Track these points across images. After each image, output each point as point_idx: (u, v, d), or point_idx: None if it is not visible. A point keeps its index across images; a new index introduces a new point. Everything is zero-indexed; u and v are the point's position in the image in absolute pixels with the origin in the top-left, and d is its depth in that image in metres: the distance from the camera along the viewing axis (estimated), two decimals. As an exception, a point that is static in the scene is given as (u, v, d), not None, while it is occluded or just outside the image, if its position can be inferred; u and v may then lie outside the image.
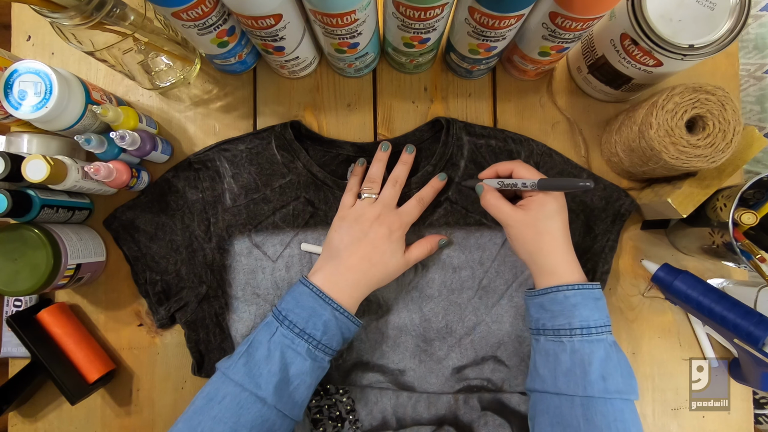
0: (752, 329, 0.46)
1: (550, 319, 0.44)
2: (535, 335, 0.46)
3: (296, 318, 0.44)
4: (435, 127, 0.57)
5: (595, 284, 0.45)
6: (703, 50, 0.45)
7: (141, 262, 0.55)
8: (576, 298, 0.43)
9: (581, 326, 0.42)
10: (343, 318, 0.45)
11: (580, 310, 0.43)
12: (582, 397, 0.41)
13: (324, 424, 0.52)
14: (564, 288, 0.44)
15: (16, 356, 0.56)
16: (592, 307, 0.43)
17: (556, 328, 0.43)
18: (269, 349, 0.43)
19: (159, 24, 0.49)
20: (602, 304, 0.44)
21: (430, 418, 0.53)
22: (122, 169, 0.51)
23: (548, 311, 0.44)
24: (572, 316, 0.43)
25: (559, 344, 0.43)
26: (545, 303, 0.45)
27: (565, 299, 0.43)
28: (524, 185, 0.47)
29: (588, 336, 0.42)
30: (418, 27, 0.45)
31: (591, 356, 0.42)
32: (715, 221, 0.48)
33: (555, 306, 0.44)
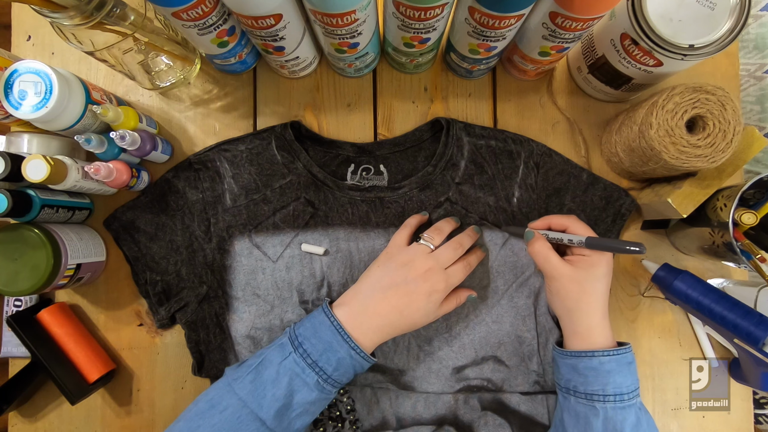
0: (752, 329, 0.46)
1: (583, 384, 0.44)
2: (564, 393, 0.46)
3: (311, 348, 0.43)
4: (435, 127, 0.57)
5: (627, 347, 0.44)
6: (703, 50, 0.45)
7: (141, 263, 0.55)
8: (611, 365, 0.43)
9: (614, 393, 0.42)
10: (359, 358, 0.44)
11: (614, 377, 0.43)
12: None
13: (324, 424, 0.52)
14: (600, 354, 0.43)
15: (16, 356, 0.56)
16: (625, 373, 0.43)
17: (588, 393, 0.43)
18: (278, 372, 0.42)
19: (159, 24, 0.49)
20: (634, 368, 0.44)
21: (430, 418, 0.53)
22: (122, 169, 0.51)
23: (581, 375, 0.44)
24: (606, 383, 0.43)
25: (591, 409, 0.43)
26: (579, 366, 0.44)
27: (600, 365, 0.43)
28: (570, 241, 0.46)
29: (620, 402, 0.42)
30: (418, 27, 0.45)
31: (623, 423, 0.42)
32: (715, 221, 0.48)
33: (589, 371, 0.43)
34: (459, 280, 0.48)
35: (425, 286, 0.46)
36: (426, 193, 0.55)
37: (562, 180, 0.56)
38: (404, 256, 0.48)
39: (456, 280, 0.48)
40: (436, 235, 0.49)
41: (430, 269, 0.47)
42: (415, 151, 0.57)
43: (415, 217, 0.52)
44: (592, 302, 0.45)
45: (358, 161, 0.56)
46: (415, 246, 0.49)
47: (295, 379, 0.42)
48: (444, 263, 0.48)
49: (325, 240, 0.54)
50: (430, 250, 0.48)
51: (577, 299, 0.45)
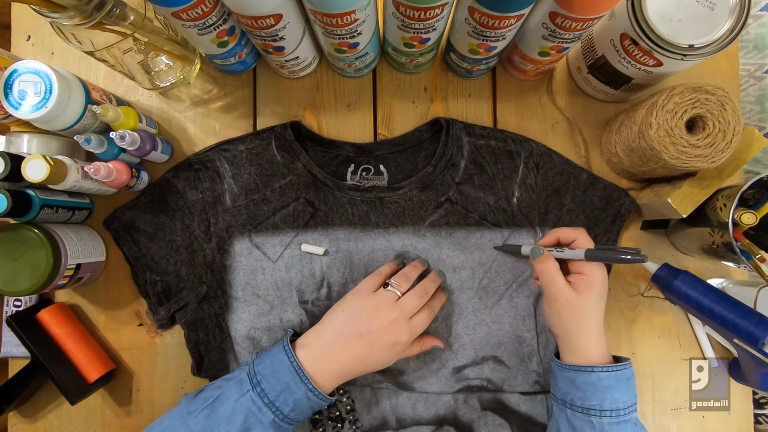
0: (752, 329, 0.46)
1: (581, 399, 0.44)
2: (560, 405, 0.46)
3: (269, 388, 0.43)
4: (434, 127, 0.57)
5: (627, 363, 0.44)
6: (703, 50, 0.45)
7: (141, 263, 0.55)
8: (609, 381, 0.43)
9: (611, 408, 0.42)
10: (317, 399, 0.44)
11: (612, 393, 0.43)
12: None
13: (324, 424, 0.52)
14: (599, 369, 0.43)
15: (16, 356, 0.56)
16: (623, 389, 0.43)
17: (586, 407, 0.43)
18: (234, 409, 0.42)
19: (159, 24, 0.49)
20: (632, 384, 0.44)
21: (430, 418, 0.53)
22: (122, 169, 0.51)
23: (580, 390, 0.44)
24: (604, 399, 0.43)
25: (587, 423, 0.43)
26: (577, 381, 0.44)
27: (599, 381, 0.43)
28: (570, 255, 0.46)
29: (617, 417, 0.42)
30: (418, 27, 0.45)
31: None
32: (715, 221, 0.48)
33: (587, 387, 0.44)
34: (422, 329, 0.49)
35: (389, 337, 0.46)
36: (426, 193, 0.55)
37: (562, 180, 0.56)
38: (370, 302, 0.47)
39: (419, 330, 0.48)
40: (404, 282, 0.49)
41: (395, 320, 0.46)
42: (415, 151, 0.57)
43: (389, 266, 0.52)
44: (591, 324, 0.45)
45: (358, 161, 0.56)
46: (382, 293, 0.48)
47: (251, 418, 0.42)
48: (409, 312, 0.48)
49: (325, 240, 0.54)
50: (396, 297, 0.48)
51: (578, 322, 0.45)
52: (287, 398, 0.43)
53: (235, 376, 0.45)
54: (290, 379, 0.43)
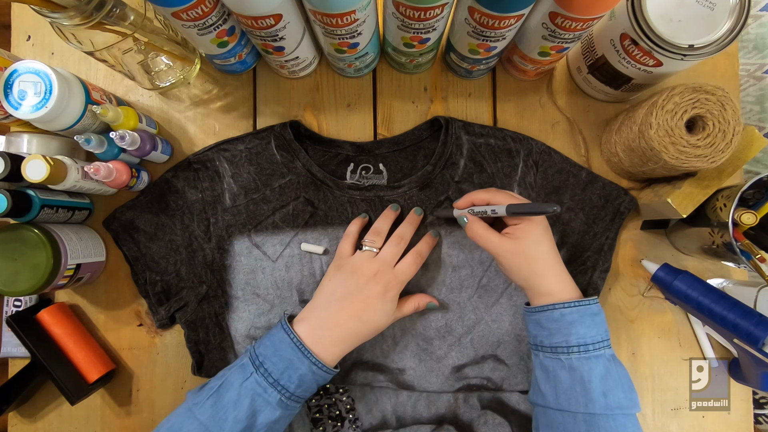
0: (752, 329, 0.46)
1: (547, 337, 0.44)
2: (534, 351, 0.46)
3: (272, 367, 0.43)
4: (434, 126, 0.57)
5: (593, 299, 0.44)
6: (703, 50, 0.45)
7: (141, 263, 0.55)
8: (572, 316, 0.43)
9: (578, 344, 0.42)
10: (321, 372, 0.44)
11: (577, 328, 0.43)
12: (584, 413, 0.41)
13: (324, 424, 0.52)
14: (560, 306, 0.43)
15: (16, 356, 0.56)
16: (589, 324, 0.43)
17: (553, 345, 0.43)
18: (239, 393, 0.42)
19: (159, 24, 0.49)
20: (600, 319, 0.44)
21: (430, 417, 0.53)
22: (122, 169, 0.51)
23: (545, 329, 0.44)
24: (569, 334, 0.43)
25: (557, 362, 0.43)
26: (542, 320, 0.44)
27: (561, 317, 0.43)
28: (494, 212, 0.46)
29: (585, 353, 0.42)
30: (418, 27, 0.45)
31: (590, 373, 0.41)
32: (715, 221, 0.48)
33: (551, 324, 0.44)
34: (412, 272, 0.50)
35: (377, 287, 0.47)
36: (425, 192, 0.55)
37: (561, 178, 0.56)
38: (351, 264, 0.49)
39: (408, 273, 0.49)
40: (376, 238, 0.50)
41: (379, 272, 0.48)
42: (414, 150, 0.57)
43: (354, 223, 0.53)
44: (543, 265, 0.45)
45: (358, 160, 0.56)
46: (359, 254, 0.50)
47: (258, 399, 0.42)
48: (390, 262, 0.49)
49: (325, 239, 0.54)
50: (374, 254, 0.49)
51: (527, 267, 0.45)
52: (291, 375, 0.43)
53: (237, 362, 0.45)
54: (292, 354, 0.43)
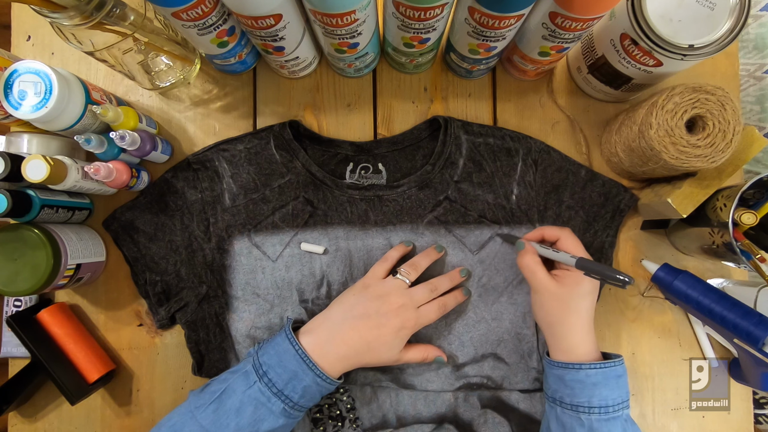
0: (752, 329, 0.46)
1: (570, 396, 0.44)
2: (550, 402, 0.46)
3: (276, 377, 0.43)
4: (433, 125, 0.57)
5: (618, 360, 0.44)
6: (703, 50, 0.45)
7: (140, 263, 0.55)
8: (597, 377, 0.43)
9: (600, 405, 0.42)
10: (325, 384, 0.44)
11: (601, 390, 0.43)
12: None
13: (324, 423, 0.52)
14: (587, 367, 0.43)
15: (16, 356, 0.56)
16: (612, 386, 0.43)
17: (574, 404, 0.43)
18: (242, 401, 0.42)
19: (159, 24, 0.49)
20: (623, 381, 0.44)
21: (430, 416, 0.53)
22: (122, 169, 0.51)
23: (568, 387, 0.44)
24: (592, 395, 0.43)
25: (576, 420, 0.43)
26: (565, 378, 0.44)
27: (587, 378, 0.43)
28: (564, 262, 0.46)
29: (605, 415, 0.42)
30: (418, 27, 0.45)
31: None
32: (715, 221, 0.48)
33: (575, 384, 0.44)
34: (431, 320, 0.49)
35: (396, 321, 0.46)
36: (425, 192, 0.55)
37: (561, 177, 0.56)
38: (380, 288, 0.48)
39: (427, 319, 0.48)
40: (412, 271, 0.50)
41: (403, 306, 0.47)
42: (414, 150, 0.57)
43: (397, 249, 0.52)
44: (575, 320, 0.45)
45: (357, 160, 0.56)
46: (391, 280, 0.49)
47: (261, 408, 0.42)
48: (417, 302, 0.48)
49: (324, 239, 0.54)
50: (406, 285, 0.49)
51: (559, 315, 0.45)
52: (296, 386, 0.43)
53: (240, 368, 0.45)
54: (297, 366, 0.43)
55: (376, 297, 0.48)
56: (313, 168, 0.55)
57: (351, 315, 0.47)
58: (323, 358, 0.44)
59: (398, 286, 0.49)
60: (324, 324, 0.47)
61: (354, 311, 0.47)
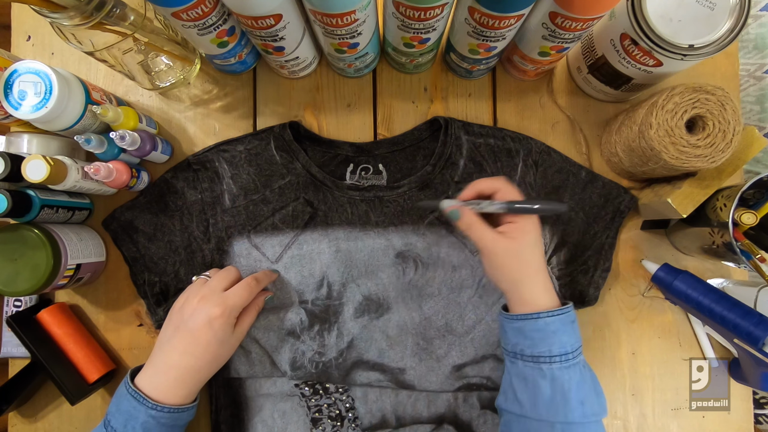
0: (752, 329, 0.46)
1: (530, 347, 0.43)
2: (511, 358, 0.45)
3: (116, 422, 0.42)
4: (433, 126, 0.57)
5: (569, 306, 0.44)
6: (703, 50, 0.45)
7: (140, 263, 0.55)
8: (556, 325, 0.42)
9: (560, 353, 0.42)
10: (167, 414, 0.43)
11: (560, 337, 0.42)
12: (563, 423, 0.41)
13: (323, 423, 0.52)
14: (545, 315, 0.42)
15: (16, 356, 0.56)
16: (569, 332, 0.43)
17: (535, 355, 0.42)
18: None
19: (159, 24, 0.49)
20: (576, 326, 0.44)
21: (429, 417, 0.53)
22: (122, 169, 0.51)
23: (528, 338, 0.43)
24: (552, 344, 0.42)
25: (538, 371, 0.42)
26: (525, 329, 0.43)
27: (546, 326, 0.42)
28: (492, 208, 0.44)
29: (566, 362, 0.42)
30: (418, 27, 0.45)
31: (569, 382, 0.41)
32: (715, 221, 0.48)
33: (535, 333, 0.43)
34: (242, 296, 0.47)
35: (201, 315, 0.45)
36: (425, 193, 0.55)
37: (561, 178, 0.56)
38: (181, 298, 0.48)
39: (238, 297, 0.47)
40: (212, 272, 0.50)
41: (203, 297, 0.46)
42: (414, 151, 0.57)
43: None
44: (534, 271, 0.44)
45: (357, 161, 0.56)
46: (188, 287, 0.49)
47: None
48: (218, 287, 0.47)
49: (325, 240, 0.54)
50: (203, 281, 0.48)
51: (519, 271, 0.44)
52: (134, 425, 0.42)
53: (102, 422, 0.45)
54: (129, 406, 0.43)
55: (178, 310, 0.47)
56: (313, 169, 0.55)
57: (165, 339, 0.46)
58: (157, 389, 0.43)
59: (195, 285, 0.48)
60: (150, 360, 0.46)
61: (166, 334, 0.46)
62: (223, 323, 0.45)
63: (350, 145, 0.56)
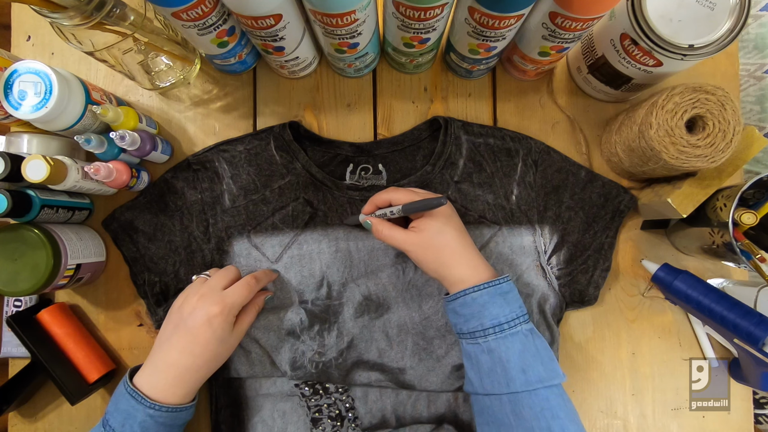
0: (752, 329, 0.46)
1: (464, 323, 0.44)
2: (459, 339, 0.46)
3: (114, 422, 0.42)
4: (433, 126, 0.57)
5: (503, 278, 0.44)
6: (703, 50, 0.45)
7: (140, 263, 0.55)
8: (483, 298, 0.43)
9: (492, 325, 0.42)
10: (165, 414, 0.43)
11: (490, 309, 0.42)
12: (508, 394, 0.41)
13: (323, 423, 0.52)
14: (471, 290, 0.43)
15: (16, 356, 0.56)
16: (501, 303, 0.43)
17: (471, 330, 0.43)
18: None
19: (159, 24, 0.49)
20: (513, 296, 0.44)
21: (429, 417, 0.53)
22: (122, 169, 0.51)
23: (461, 315, 0.44)
24: (483, 317, 0.43)
25: (476, 346, 0.43)
26: (457, 308, 0.44)
27: (473, 301, 0.43)
28: (392, 213, 0.46)
29: (501, 333, 0.42)
30: (418, 27, 0.45)
31: (508, 352, 0.41)
32: (715, 221, 0.48)
33: (465, 309, 0.43)
34: (242, 295, 0.47)
35: (200, 314, 0.45)
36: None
37: (561, 177, 0.56)
38: (181, 297, 0.48)
39: (238, 295, 0.47)
40: (212, 272, 0.50)
41: (202, 296, 0.46)
42: (414, 150, 0.57)
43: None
44: (450, 254, 0.45)
45: (357, 161, 0.56)
46: (189, 286, 0.49)
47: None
48: (217, 286, 0.47)
49: (325, 240, 0.54)
50: (203, 280, 0.48)
51: (436, 258, 0.45)
52: (132, 425, 0.42)
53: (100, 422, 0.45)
54: (127, 405, 0.43)
55: (177, 308, 0.47)
56: (313, 169, 0.55)
57: (165, 338, 0.46)
58: (155, 388, 0.43)
59: (195, 284, 0.48)
60: (149, 359, 0.46)
61: (165, 332, 0.46)
62: (222, 321, 0.45)
63: (350, 145, 0.56)
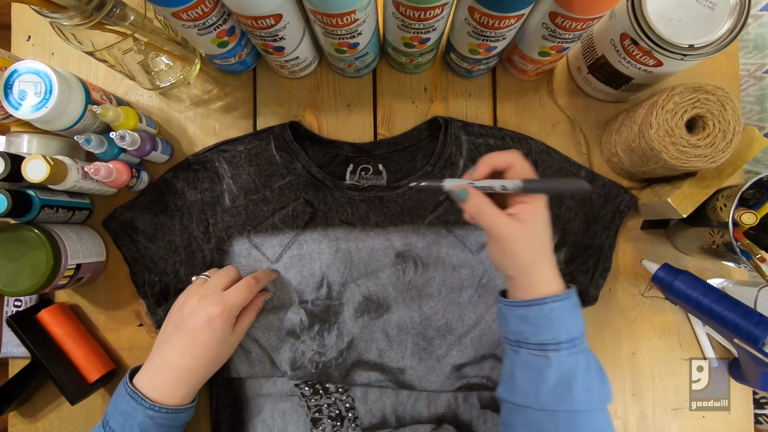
0: (752, 329, 0.46)
1: (534, 334, 0.40)
2: (514, 347, 0.42)
3: (114, 423, 0.42)
4: (433, 126, 0.57)
5: (572, 289, 0.41)
6: (703, 50, 0.45)
7: (139, 263, 0.55)
8: (562, 311, 0.40)
9: (567, 339, 0.39)
10: (164, 415, 0.43)
11: (566, 323, 0.40)
12: (567, 412, 0.39)
13: (323, 423, 0.52)
14: (551, 300, 0.39)
15: (16, 356, 0.56)
16: (575, 317, 0.40)
17: (541, 342, 0.40)
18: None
19: (159, 24, 0.49)
20: (580, 310, 0.42)
21: (429, 417, 0.53)
22: (122, 169, 0.51)
23: (532, 325, 0.40)
24: (558, 330, 0.40)
25: (544, 359, 0.40)
26: (529, 316, 0.40)
27: (551, 312, 0.40)
28: (504, 188, 0.39)
29: (574, 348, 0.40)
30: (418, 27, 0.45)
31: (575, 370, 0.39)
32: (715, 221, 0.48)
33: (540, 320, 0.40)
34: (242, 296, 0.47)
35: (201, 315, 0.45)
36: (425, 193, 0.55)
37: (561, 178, 0.56)
38: (181, 297, 0.48)
39: (238, 296, 0.47)
40: (211, 272, 0.50)
41: (203, 296, 0.46)
42: (414, 150, 0.57)
43: None
44: (543, 257, 0.40)
45: (357, 161, 0.56)
46: (189, 286, 0.49)
47: None
48: (217, 286, 0.47)
49: (325, 240, 0.54)
50: (203, 281, 0.48)
51: (530, 256, 0.40)
52: (132, 426, 0.42)
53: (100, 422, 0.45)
54: (127, 406, 0.43)
55: (177, 309, 0.47)
56: (313, 169, 0.55)
57: (165, 338, 0.46)
58: (155, 389, 0.43)
59: (195, 285, 0.48)
60: (149, 359, 0.46)
61: (165, 333, 0.46)
62: (222, 322, 0.45)
63: (350, 146, 0.56)
